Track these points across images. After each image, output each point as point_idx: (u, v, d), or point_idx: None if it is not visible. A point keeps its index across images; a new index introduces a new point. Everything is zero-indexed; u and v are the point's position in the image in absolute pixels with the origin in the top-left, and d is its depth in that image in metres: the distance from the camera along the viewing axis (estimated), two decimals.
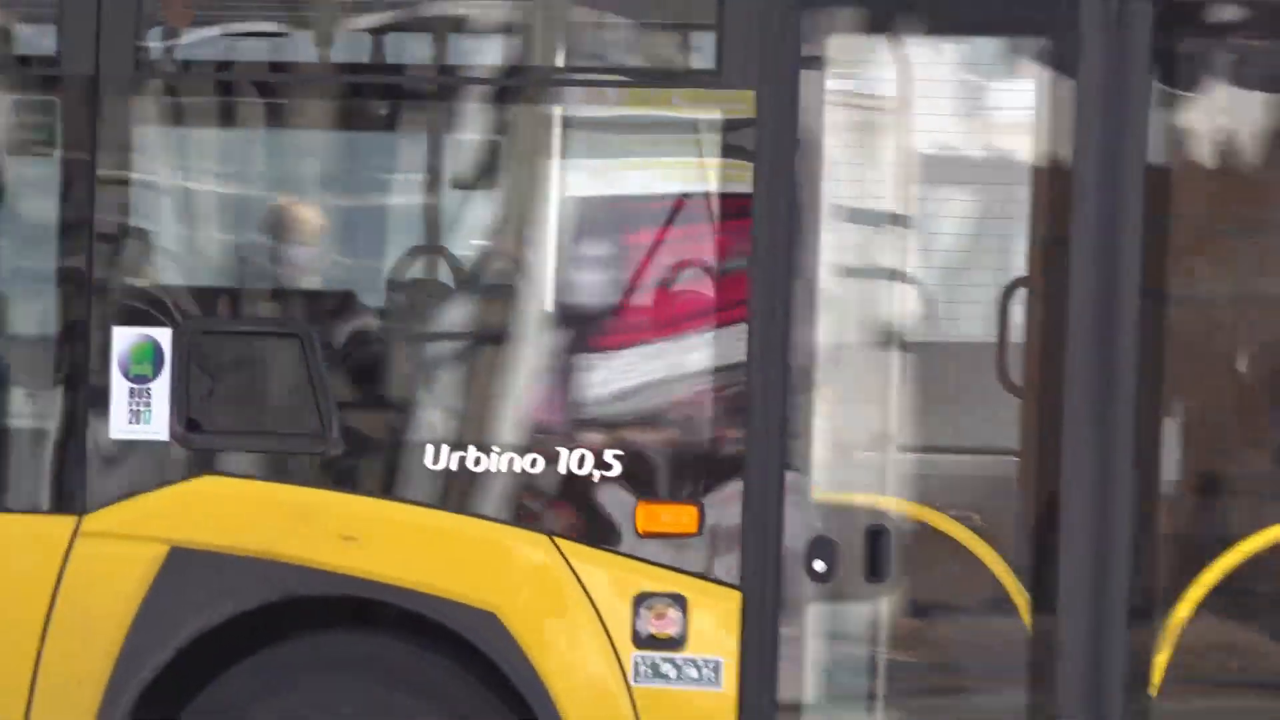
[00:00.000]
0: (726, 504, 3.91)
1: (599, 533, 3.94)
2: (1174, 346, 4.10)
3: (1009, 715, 3.98)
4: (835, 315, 3.98)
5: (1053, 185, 4.00)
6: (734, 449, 3.93)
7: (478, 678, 3.97)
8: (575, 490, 3.94)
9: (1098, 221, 3.80)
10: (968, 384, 4.16)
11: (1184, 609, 3.90)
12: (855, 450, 4.07)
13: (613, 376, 4.11)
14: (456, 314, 4.38)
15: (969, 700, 4.09)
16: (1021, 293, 4.08)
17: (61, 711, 4.02)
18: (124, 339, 4.11)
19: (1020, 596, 3.95)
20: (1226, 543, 3.92)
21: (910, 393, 4.04)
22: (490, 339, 4.24)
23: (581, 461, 3.91)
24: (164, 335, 4.09)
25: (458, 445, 3.96)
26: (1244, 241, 4.03)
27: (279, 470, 4.11)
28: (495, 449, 3.95)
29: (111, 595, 3.99)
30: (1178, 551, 4.01)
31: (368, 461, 4.10)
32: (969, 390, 4.15)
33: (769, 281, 3.90)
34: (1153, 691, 3.91)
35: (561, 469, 3.92)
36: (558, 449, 3.94)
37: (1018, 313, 4.06)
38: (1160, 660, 3.90)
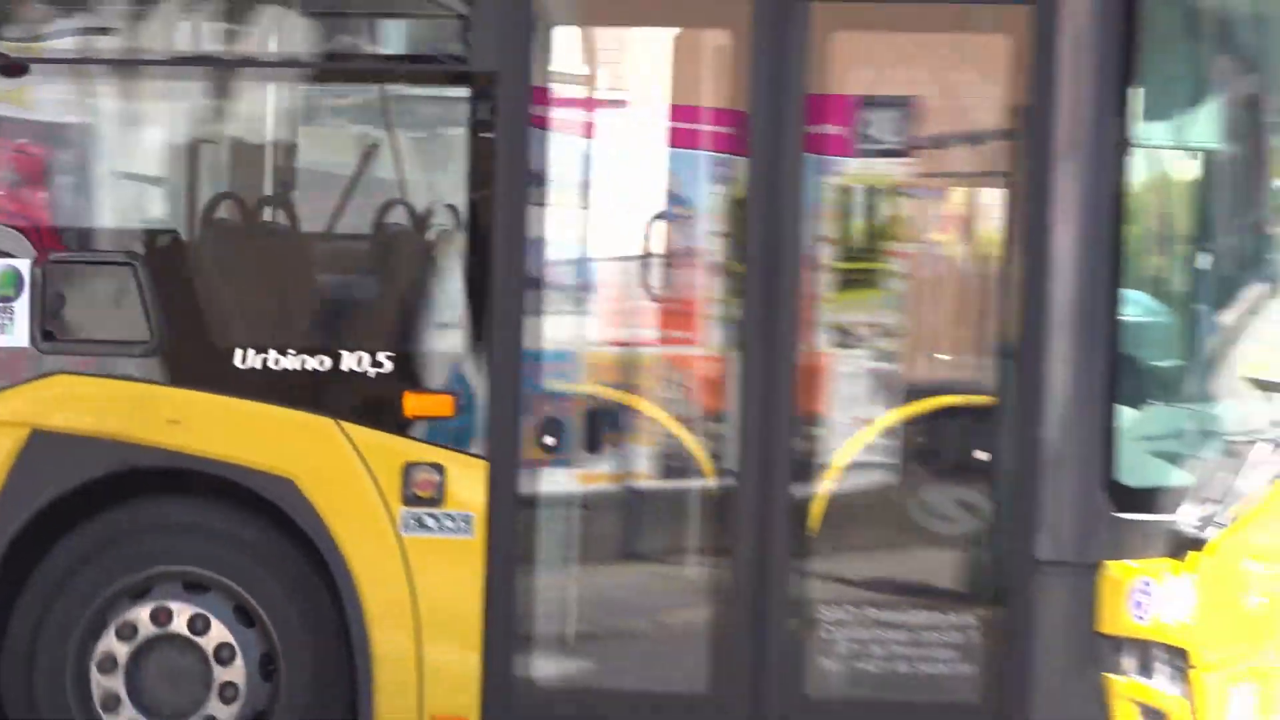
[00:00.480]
0: (476, 392, 4.96)
1: (375, 416, 4.92)
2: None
3: (695, 544, 5.23)
4: (557, 245, 5.16)
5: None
6: (481, 350, 4.97)
7: (285, 537, 4.97)
8: (356, 383, 4.94)
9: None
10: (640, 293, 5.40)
11: (833, 472, 5.14)
12: (576, 346, 5.24)
13: (386, 296, 5.36)
14: (256, 247, 5.52)
15: (662, 532, 5.37)
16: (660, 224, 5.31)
17: None
18: None
19: (705, 461, 5.20)
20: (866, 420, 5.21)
21: (607, 300, 5.29)
22: (284, 265, 5.46)
23: (360, 361, 4.96)
24: (24, 264, 5.11)
25: (261, 349, 4.97)
26: None
27: (117, 369, 5.05)
28: (291, 351, 4.97)
29: None
30: (829, 421, 5.28)
31: (188, 361, 5.08)
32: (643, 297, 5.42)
33: (508, 219, 5.01)
34: (812, 530, 5.14)
35: (344, 367, 4.95)
36: (340, 351, 4.95)
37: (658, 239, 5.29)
38: (816, 509, 5.13)
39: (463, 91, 5.12)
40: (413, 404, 4.96)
